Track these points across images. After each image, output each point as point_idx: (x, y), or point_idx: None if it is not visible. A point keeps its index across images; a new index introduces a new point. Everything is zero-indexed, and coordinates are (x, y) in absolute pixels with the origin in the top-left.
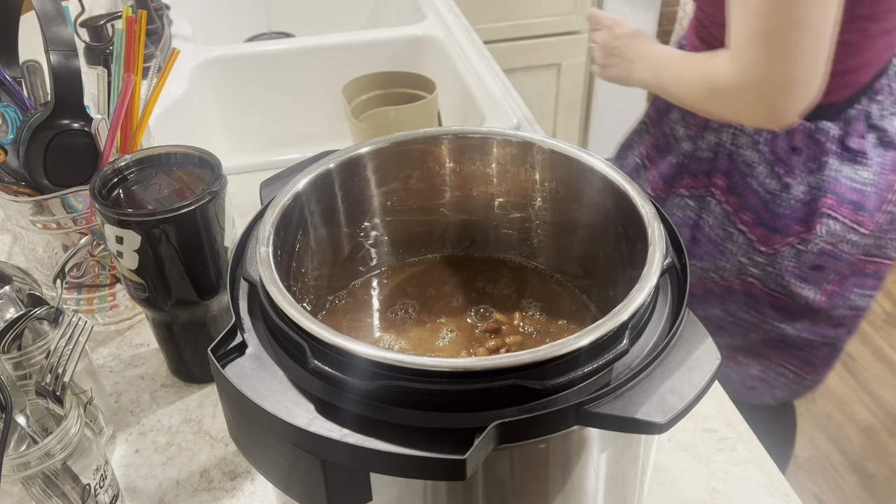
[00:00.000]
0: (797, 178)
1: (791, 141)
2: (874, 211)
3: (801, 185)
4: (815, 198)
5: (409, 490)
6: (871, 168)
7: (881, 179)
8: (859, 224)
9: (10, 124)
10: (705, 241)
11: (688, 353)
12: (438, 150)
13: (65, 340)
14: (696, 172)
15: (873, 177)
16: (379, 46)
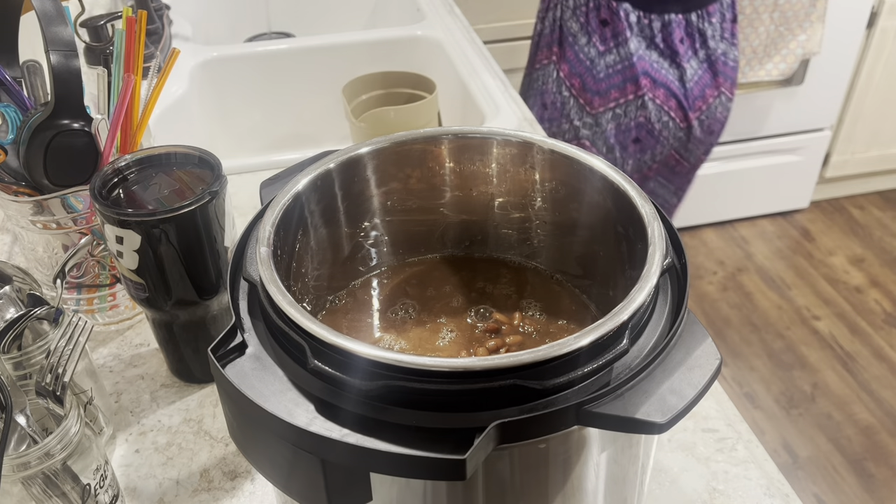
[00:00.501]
0: (608, 47)
1: (599, 14)
2: (687, 109)
3: (611, 54)
4: (628, 68)
5: (409, 490)
6: (685, 72)
7: (694, 87)
8: (672, 112)
9: (10, 124)
10: (551, 106)
11: (688, 353)
12: (438, 150)
13: (65, 340)
14: (544, 46)
15: (688, 81)
16: (379, 46)
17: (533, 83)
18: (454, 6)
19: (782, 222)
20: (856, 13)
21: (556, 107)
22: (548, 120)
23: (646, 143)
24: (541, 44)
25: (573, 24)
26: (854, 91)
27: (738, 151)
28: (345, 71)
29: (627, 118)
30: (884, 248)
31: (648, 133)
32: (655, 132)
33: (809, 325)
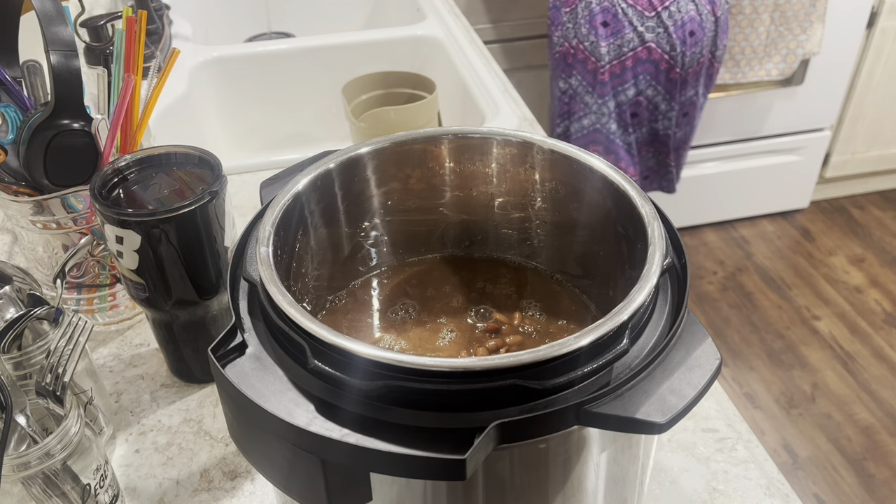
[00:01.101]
0: None
1: None
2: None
3: None
4: None
5: (409, 490)
6: None
7: None
8: None
9: (10, 124)
10: (613, 21)
11: (688, 353)
12: (438, 150)
13: (65, 340)
14: None
15: None
16: (379, 46)
17: (580, 11)
18: (454, 6)
19: (782, 222)
20: (856, 13)
21: (617, 19)
22: (612, 35)
23: (698, 35)
24: None
25: None
26: (854, 91)
27: (738, 151)
28: (345, 71)
29: (681, 14)
30: (884, 248)
31: (699, 26)
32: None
33: (809, 325)
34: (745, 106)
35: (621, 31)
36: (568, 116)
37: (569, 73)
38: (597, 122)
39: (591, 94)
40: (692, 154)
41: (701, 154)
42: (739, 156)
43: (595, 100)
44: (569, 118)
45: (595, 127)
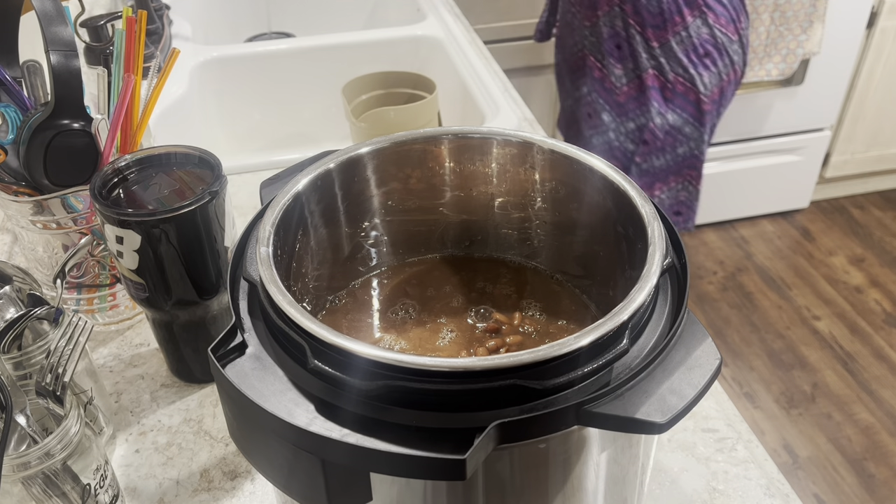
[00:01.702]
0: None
1: None
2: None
3: None
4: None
5: (409, 490)
6: None
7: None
8: (724, 28)
9: (10, 124)
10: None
11: (688, 353)
12: (438, 150)
13: (65, 340)
14: None
15: None
16: (379, 46)
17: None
18: (454, 6)
19: (782, 222)
20: (856, 13)
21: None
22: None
23: (714, 55)
24: None
25: None
26: (854, 91)
27: (738, 151)
28: (345, 71)
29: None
30: (884, 248)
31: (714, 48)
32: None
33: (809, 325)
34: (746, 106)
35: (634, 55)
36: (580, 125)
37: (585, 82)
38: (615, 139)
39: (609, 113)
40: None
41: None
42: (739, 156)
43: (612, 118)
44: (581, 128)
45: (613, 145)
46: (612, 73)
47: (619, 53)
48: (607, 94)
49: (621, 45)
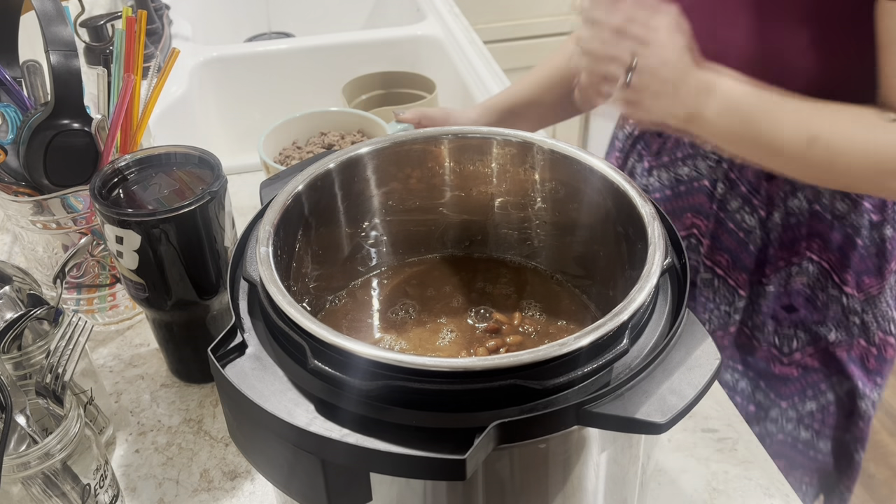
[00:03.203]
0: None
1: None
2: None
3: (778, 209)
4: (802, 223)
5: (409, 490)
6: None
7: None
8: None
9: (10, 124)
10: (804, 305)
11: (688, 353)
12: (438, 150)
13: (65, 340)
14: (787, 243)
15: None
16: (379, 46)
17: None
18: (454, 6)
19: None
20: None
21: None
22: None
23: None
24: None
25: (855, 216)
26: None
27: None
28: (345, 71)
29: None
30: None
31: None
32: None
33: None
34: None
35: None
36: None
37: None
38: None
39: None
40: None
41: None
42: None
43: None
44: None
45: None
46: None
47: (793, 318)
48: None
49: (797, 305)
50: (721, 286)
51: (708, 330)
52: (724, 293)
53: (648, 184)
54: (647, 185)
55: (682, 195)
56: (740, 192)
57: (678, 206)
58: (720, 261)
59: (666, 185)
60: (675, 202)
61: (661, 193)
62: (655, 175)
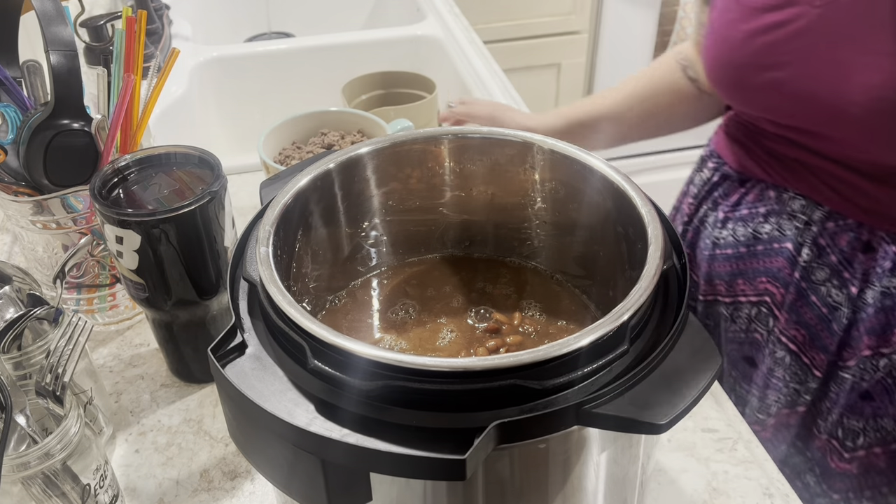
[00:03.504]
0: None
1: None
2: None
3: (873, 287)
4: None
5: (409, 490)
6: None
7: None
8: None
9: (10, 124)
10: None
11: (688, 353)
12: (438, 150)
13: (65, 340)
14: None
15: None
16: (379, 46)
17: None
18: (454, 6)
19: None
20: None
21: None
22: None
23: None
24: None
25: None
26: None
27: None
28: (345, 71)
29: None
30: None
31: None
32: None
33: None
34: None
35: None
36: None
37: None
38: None
39: None
40: (692, 154)
41: None
42: None
43: None
44: None
45: None
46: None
47: (866, 409)
48: None
49: (873, 394)
50: (793, 363)
51: (776, 410)
52: (796, 370)
53: (720, 237)
54: (719, 239)
55: (759, 256)
56: (829, 262)
57: (752, 267)
58: (796, 336)
59: (741, 242)
60: (750, 262)
61: (733, 250)
62: (730, 228)
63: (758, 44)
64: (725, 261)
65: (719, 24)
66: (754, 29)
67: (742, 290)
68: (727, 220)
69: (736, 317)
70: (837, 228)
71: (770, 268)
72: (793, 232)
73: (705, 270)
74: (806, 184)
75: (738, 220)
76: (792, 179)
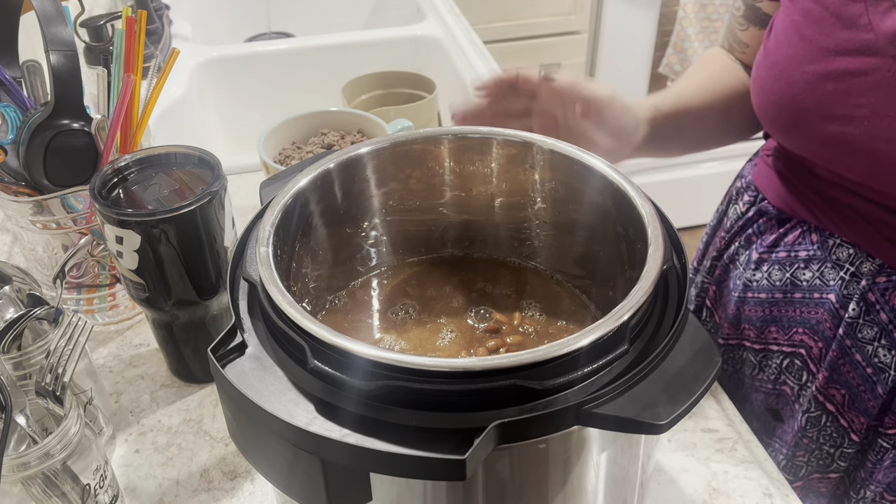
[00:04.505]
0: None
1: None
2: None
3: None
4: None
5: (409, 490)
6: None
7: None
8: None
9: (10, 124)
10: (804, 438)
11: (688, 353)
12: (438, 150)
13: (65, 340)
14: None
15: None
16: (379, 46)
17: None
18: (454, 6)
19: None
20: None
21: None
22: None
23: None
24: None
25: None
26: None
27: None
28: (345, 71)
29: None
30: None
31: None
32: None
33: None
34: None
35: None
36: None
37: None
38: None
39: None
40: (692, 154)
41: (701, 154)
42: (740, 155)
43: None
44: None
45: None
46: None
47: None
48: None
49: None
50: (829, 424)
51: (805, 473)
52: (832, 432)
53: (753, 279)
54: (751, 281)
55: (796, 304)
56: (878, 321)
57: (788, 315)
58: (834, 395)
59: (776, 287)
60: (786, 310)
61: (768, 294)
62: (765, 270)
63: (827, 90)
64: (758, 305)
65: (777, 58)
66: (823, 72)
67: (774, 338)
68: (762, 261)
69: (765, 365)
70: (889, 284)
71: (808, 318)
72: (837, 283)
73: (733, 313)
74: (858, 232)
75: (774, 262)
76: (843, 225)
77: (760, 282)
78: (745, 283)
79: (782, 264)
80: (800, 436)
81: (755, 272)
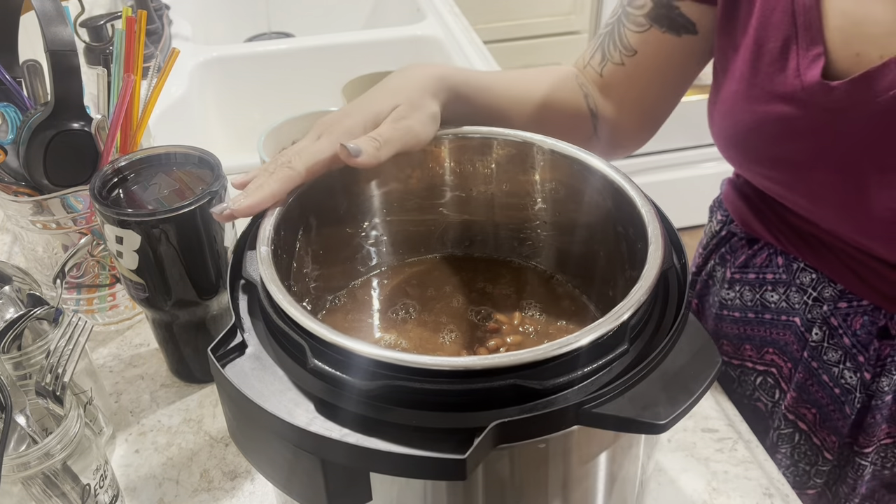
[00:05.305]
0: None
1: None
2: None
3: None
4: None
5: (409, 490)
6: None
7: None
8: None
9: (10, 124)
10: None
11: (688, 353)
12: (438, 150)
13: (65, 340)
14: None
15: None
16: (379, 46)
17: None
18: (454, 6)
19: None
20: None
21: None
22: None
23: None
24: None
25: None
26: None
27: None
28: (345, 71)
29: None
30: None
31: None
32: None
33: None
34: None
35: None
36: None
37: None
38: None
39: None
40: (691, 154)
41: (701, 154)
42: None
43: None
44: None
45: None
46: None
47: None
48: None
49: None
50: (802, 442)
51: None
52: (806, 450)
53: (727, 298)
54: (726, 300)
55: (766, 325)
56: (842, 345)
57: (760, 335)
58: (805, 415)
59: (748, 307)
60: (757, 329)
61: (741, 314)
62: (737, 290)
63: (771, 133)
64: (733, 323)
65: (726, 94)
66: (764, 113)
67: (749, 356)
68: (735, 281)
69: (743, 380)
70: (850, 310)
71: (777, 339)
72: (802, 307)
73: (711, 328)
74: (820, 258)
75: (745, 283)
76: (805, 251)
77: (734, 301)
78: (720, 301)
79: (752, 286)
80: (772, 452)
81: (729, 291)
